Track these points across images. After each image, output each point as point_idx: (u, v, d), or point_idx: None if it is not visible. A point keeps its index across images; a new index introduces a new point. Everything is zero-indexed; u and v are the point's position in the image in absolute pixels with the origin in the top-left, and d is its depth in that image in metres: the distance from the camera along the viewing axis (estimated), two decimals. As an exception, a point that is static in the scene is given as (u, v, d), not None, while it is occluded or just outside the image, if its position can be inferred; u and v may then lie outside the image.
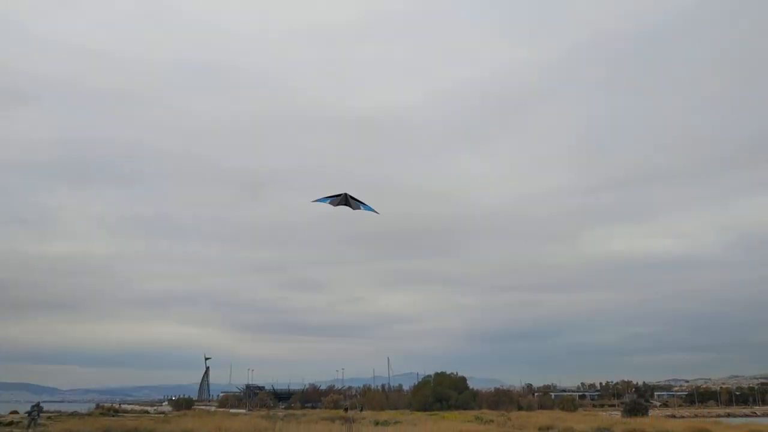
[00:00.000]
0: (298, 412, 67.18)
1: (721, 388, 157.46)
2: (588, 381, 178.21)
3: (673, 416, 79.23)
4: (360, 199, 24.74)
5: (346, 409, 64.18)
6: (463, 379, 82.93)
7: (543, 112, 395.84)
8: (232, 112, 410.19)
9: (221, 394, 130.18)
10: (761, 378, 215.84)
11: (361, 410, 67.90)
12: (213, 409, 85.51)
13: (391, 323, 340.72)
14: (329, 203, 24.71)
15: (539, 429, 32.63)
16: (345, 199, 24.50)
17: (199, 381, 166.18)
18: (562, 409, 79.43)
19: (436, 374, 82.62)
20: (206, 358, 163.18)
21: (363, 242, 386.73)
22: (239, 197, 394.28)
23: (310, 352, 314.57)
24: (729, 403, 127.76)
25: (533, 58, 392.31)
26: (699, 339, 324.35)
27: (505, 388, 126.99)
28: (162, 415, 56.29)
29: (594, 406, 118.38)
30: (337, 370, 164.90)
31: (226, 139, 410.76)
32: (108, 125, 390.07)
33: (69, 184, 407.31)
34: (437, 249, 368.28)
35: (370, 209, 25.05)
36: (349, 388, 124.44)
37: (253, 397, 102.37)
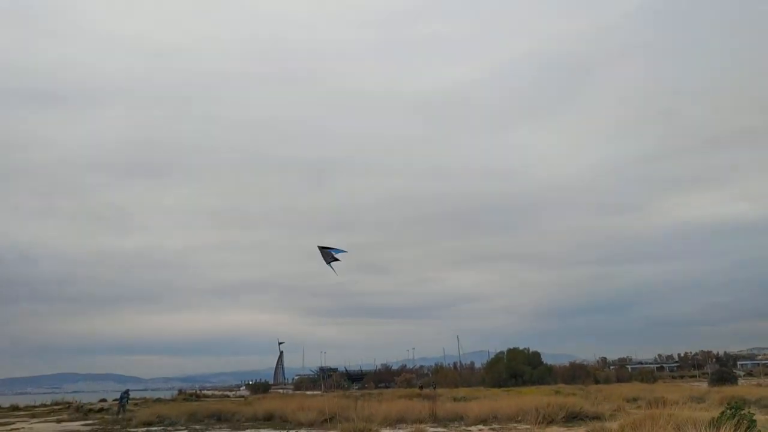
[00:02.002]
0: (373, 391, 67.65)
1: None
2: (665, 353, 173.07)
3: (760, 385, 75.85)
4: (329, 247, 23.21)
5: (421, 387, 64.23)
6: (537, 355, 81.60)
7: (605, 80, 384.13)
8: (291, 102, 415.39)
9: (296, 377, 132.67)
10: None
11: (434, 388, 67.76)
12: (289, 391, 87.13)
13: (459, 302, 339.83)
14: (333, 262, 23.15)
15: (626, 400, 31.57)
16: (322, 252, 23.05)
17: (274, 365, 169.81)
18: (641, 381, 77.26)
19: (509, 350, 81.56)
20: (280, 343, 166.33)
21: (429, 222, 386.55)
22: (303, 185, 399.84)
23: (379, 334, 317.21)
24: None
25: (592, 26, 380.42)
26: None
27: (578, 362, 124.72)
28: (242, 399, 57.58)
29: (673, 377, 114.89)
30: (407, 350, 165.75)
31: (287, 130, 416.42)
32: (175, 122, 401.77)
33: (141, 181, 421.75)
34: (504, 226, 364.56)
35: (339, 251, 23.38)
36: (421, 367, 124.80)
37: (327, 378, 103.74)
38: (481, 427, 21.47)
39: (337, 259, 22.73)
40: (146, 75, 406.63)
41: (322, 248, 23.04)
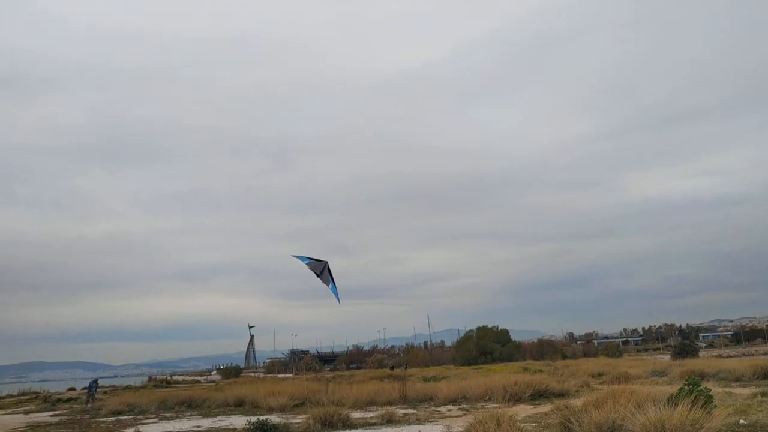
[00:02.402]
0: (345, 373, 68.03)
1: (767, 325, 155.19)
2: (630, 327, 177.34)
3: (720, 356, 78.26)
4: (333, 277, 23.29)
5: (392, 368, 64.66)
6: (506, 332, 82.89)
7: (568, 56, 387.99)
8: (254, 83, 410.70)
9: (267, 361, 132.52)
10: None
11: (406, 368, 68.33)
12: (261, 375, 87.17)
13: (428, 281, 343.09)
14: (307, 264, 23.29)
15: (591, 376, 32.35)
16: (323, 267, 23.19)
17: (245, 349, 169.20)
18: (607, 355, 79.06)
19: (479, 328, 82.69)
20: (250, 326, 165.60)
21: (395, 203, 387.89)
22: (268, 166, 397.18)
23: (350, 315, 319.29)
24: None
25: (554, 3, 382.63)
26: (741, 277, 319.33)
27: (546, 338, 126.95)
28: (213, 384, 57.40)
29: (638, 351, 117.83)
30: (378, 331, 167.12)
31: (251, 110, 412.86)
32: (134, 104, 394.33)
33: (102, 165, 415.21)
34: (470, 204, 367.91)
35: (335, 293, 23.51)
36: (392, 347, 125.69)
37: (299, 361, 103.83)
38: (450, 407, 21.80)
39: (318, 276, 22.73)
40: (106, 57, 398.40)
41: (327, 267, 23.02)
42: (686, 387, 11.79)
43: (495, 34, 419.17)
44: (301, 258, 23.55)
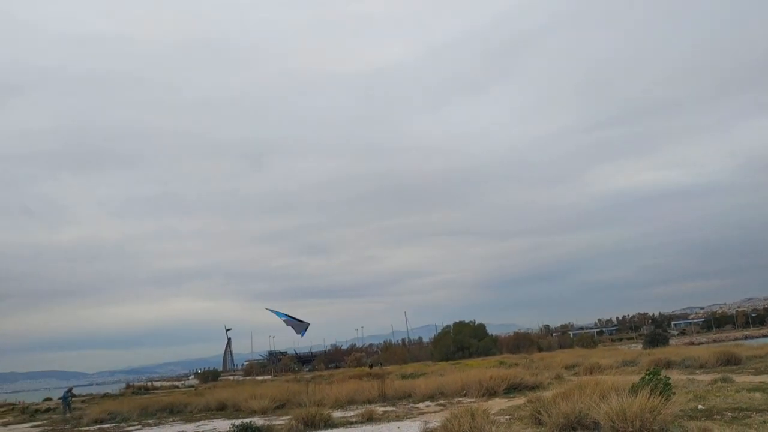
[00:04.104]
0: (324, 373, 68.34)
1: (736, 311, 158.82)
2: (604, 317, 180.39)
3: (692, 343, 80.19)
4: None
5: (370, 366, 65.21)
6: (483, 327, 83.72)
7: (540, 54, 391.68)
8: (225, 84, 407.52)
9: (245, 363, 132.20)
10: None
11: (381, 366, 68.90)
12: (239, 378, 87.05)
13: (405, 279, 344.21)
14: (284, 321, 24.27)
15: (565, 368, 33.23)
16: (304, 328, 24.24)
17: (221, 352, 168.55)
18: (582, 346, 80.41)
19: (456, 324, 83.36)
20: (227, 329, 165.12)
21: (369, 201, 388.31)
22: (242, 168, 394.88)
23: (328, 315, 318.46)
24: (746, 325, 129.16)
25: (525, 1, 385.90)
26: (711, 265, 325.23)
27: (522, 331, 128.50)
28: (192, 389, 57.34)
29: (612, 340, 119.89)
30: (356, 329, 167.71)
31: (223, 112, 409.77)
32: (102, 108, 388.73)
33: (71, 170, 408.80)
34: (445, 201, 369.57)
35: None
36: (370, 345, 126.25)
37: (277, 362, 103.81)
38: (428, 403, 22.40)
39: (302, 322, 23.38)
40: (72, 61, 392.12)
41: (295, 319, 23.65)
42: (647, 376, 12.53)
43: (467, 34, 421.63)
44: (278, 314, 24.12)
